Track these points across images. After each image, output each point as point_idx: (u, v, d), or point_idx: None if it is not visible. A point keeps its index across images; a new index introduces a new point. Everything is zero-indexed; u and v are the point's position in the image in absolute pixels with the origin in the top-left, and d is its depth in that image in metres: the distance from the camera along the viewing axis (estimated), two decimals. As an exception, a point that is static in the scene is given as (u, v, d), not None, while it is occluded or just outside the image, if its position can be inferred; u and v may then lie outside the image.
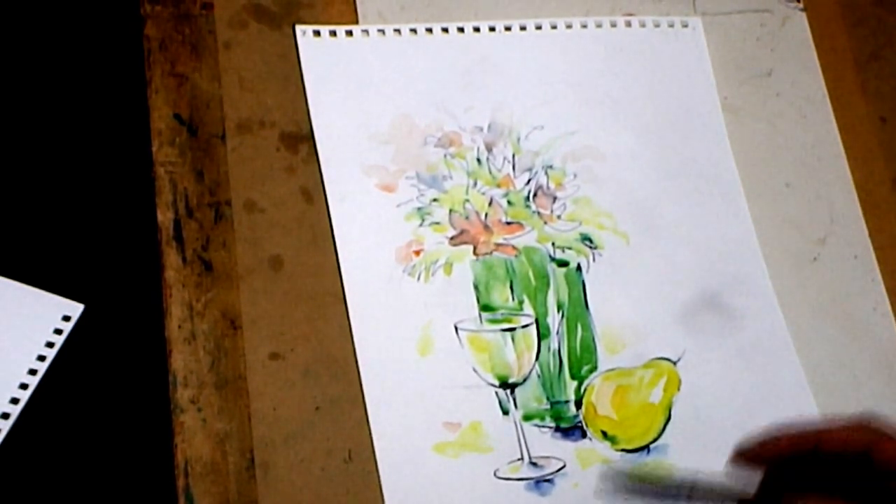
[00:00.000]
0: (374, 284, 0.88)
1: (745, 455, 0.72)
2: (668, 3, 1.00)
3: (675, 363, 0.88)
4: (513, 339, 0.87)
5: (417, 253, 0.89)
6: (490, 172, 0.92)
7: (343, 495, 0.82)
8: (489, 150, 0.93)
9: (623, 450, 0.85)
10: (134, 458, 0.83)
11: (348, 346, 0.86)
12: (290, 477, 0.82)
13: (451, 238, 0.90)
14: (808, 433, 0.72)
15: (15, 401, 0.83)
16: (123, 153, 0.91)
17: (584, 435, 0.86)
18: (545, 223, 0.91)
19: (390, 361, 0.86)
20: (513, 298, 0.89)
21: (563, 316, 0.89)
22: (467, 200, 0.91)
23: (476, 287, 0.89)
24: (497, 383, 0.86)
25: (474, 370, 0.86)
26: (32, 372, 0.84)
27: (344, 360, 0.85)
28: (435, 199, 0.91)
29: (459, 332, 0.87)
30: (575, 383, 0.87)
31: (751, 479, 0.72)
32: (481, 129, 0.94)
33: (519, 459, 0.84)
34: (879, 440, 0.70)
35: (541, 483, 0.84)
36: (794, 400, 0.88)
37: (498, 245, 0.90)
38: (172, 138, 0.90)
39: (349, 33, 0.95)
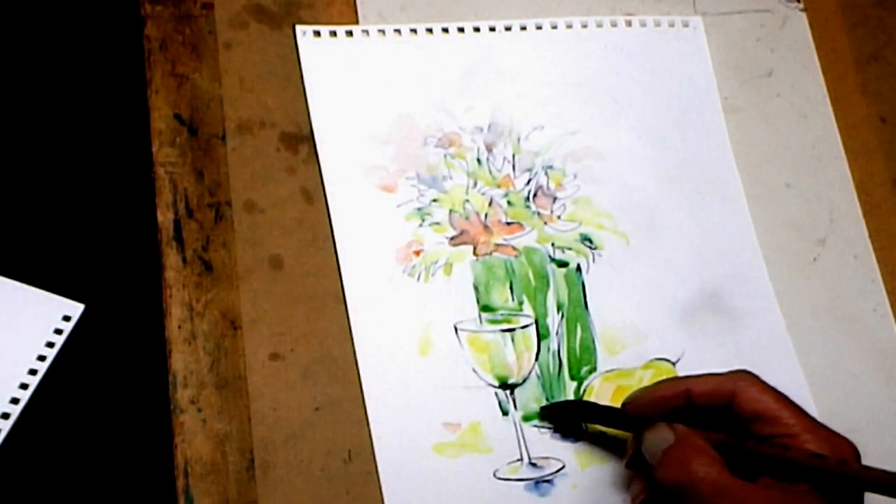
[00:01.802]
0: (374, 285, 0.88)
1: (630, 403, 0.82)
2: (669, 2, 1.00)
3: (674, 364, 0.88)
4: (512, 340, 0.87)
5: (417, 253, 0.89)
6: (490, 173, 0.92)
7: (343, 495, 0.82)
8: (489, 150, 0.93)
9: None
10: (134, 459, 0.83)
11: (348, 346, 0.86)
12: (290, 477, 0.82)
13: (451, 238, 0.90)
14: (680, 381, 0.83)
15: (15, 401, 0.83)
16: (123, 153, 0.91)
17: (583, 436, 0.86)
18: (545, 223, 0.91)
19: (390, 361, 0.86)
20: (512, 299, 0.89)
21: (562, 316, 0.89)
22: (467, 201, 0.91)
23: (476, 287, 0.89)
24: (497, 384, 0.86)
25: (474, 371, 0.86)
26: (32, 372, 0.84)
27: (344, 360, 0.86)
28: (435, 200, 0.91)
29: (459, 332, 0.87)
30: (574, 384, 0.87)
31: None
32: (481, 130, 0.94)
33: (518, 460, 0.84)
34: (741, 389, 0.79)
35: (540, 484, 0.84)
36: (793, 400, 0.88)
37: (498, 245, 0.90)
38: (172, 138, 0.90)
39: (349, 34, 0.95)
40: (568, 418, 0.85)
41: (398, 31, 0.95)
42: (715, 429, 0.79)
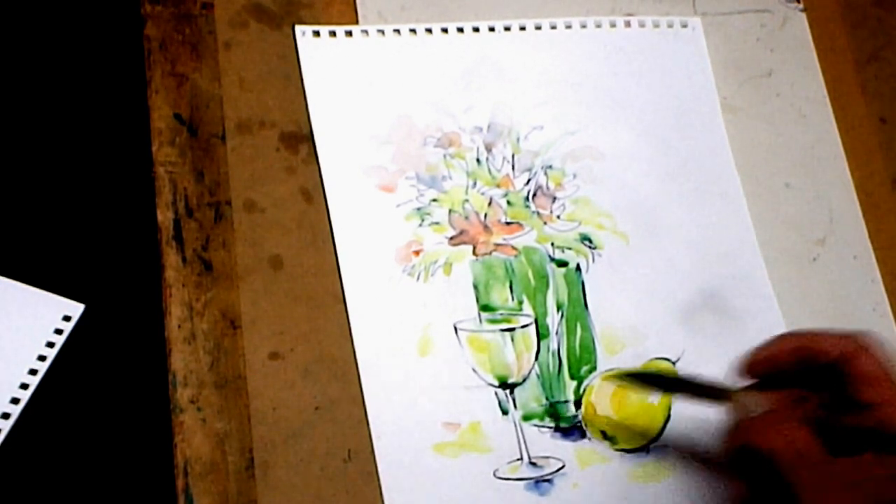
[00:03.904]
0: (374, 284, 0.88)
1: (748, 368, 0.79)
2: (668, 3, 1.00)
3: (674, 363, 0.89)
4: (512, 340, 0.87)
5: (417, 253, 0.89)
6: (489, 172, 0.92)
7: (343, 495, 0.82)
8: (489, 150, 0.93)
9: (622, 450, 0.85)
10: (134, 458, 0.83)
11: (348, 346, 0.86)
12: (290, 477, 0.82)
13: (451, 238, 0.90)
14: (804, 338, 0.78)
15: (15, 401, 0.83)
16: (123, 153, 0.91)
17: (583, 435, 0.86)
18: (545, 223, 0.91)
19: (390, 361, 0.86)
20: (512, 299, 0.89)
21: (562, 316, 0.89)
22: (467, 201, 0.91)
23: (475, 287, 0.89)
24: (496, 383, 0.86)
25: (474, 370, 0.86)
26: (33, 372, 0.84)
27: (344, 360, 0.86)
28: (434, 200, 0.91)
29: (459, 332, 0.87)
30: (574, 383, 0.87)
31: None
32: (481, 130, 0.94)
33: (518, 459, 0.84)
34: (858, 351, 0.76)
35: (540, 483, 0.84)
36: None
37: (497, 245, 0.90)
38: (172, 138, 0.90)
39: (349, 33, 0.95)
40: (653, 388, 0.84)
41: (398, 31, 0.95)
42: (815, 386, 0.77)
